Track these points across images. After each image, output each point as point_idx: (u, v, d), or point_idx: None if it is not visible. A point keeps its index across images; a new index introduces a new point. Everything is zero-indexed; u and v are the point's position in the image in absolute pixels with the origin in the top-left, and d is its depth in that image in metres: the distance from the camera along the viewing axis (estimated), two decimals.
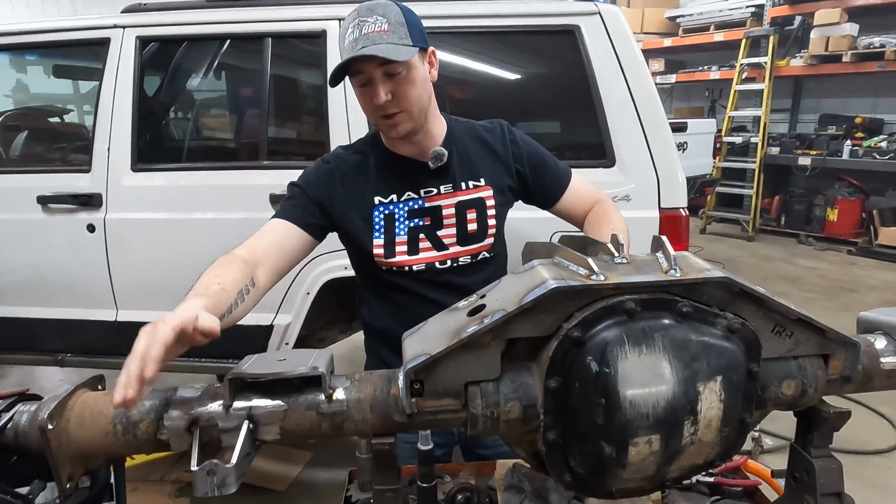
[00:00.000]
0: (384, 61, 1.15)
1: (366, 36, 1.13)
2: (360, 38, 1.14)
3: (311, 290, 1.99)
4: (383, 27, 1.14)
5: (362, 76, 1.17)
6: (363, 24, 1.14)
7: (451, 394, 0.77)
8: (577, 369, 0.73)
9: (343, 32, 1.17)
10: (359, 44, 1.13)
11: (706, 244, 6.75)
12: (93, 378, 0.84)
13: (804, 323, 0.79)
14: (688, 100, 9.13)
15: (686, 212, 1.79)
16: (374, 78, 1.17)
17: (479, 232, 1.34)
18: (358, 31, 1.14)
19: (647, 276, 0.76)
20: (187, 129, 2.53)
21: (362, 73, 1.17)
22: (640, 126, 1.78)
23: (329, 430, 0.79)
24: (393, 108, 1.19)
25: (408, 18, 1.20)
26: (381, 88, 1.17)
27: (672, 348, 0.73)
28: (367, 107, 1.23)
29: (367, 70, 1.16)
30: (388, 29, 1.15)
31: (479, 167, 1.35)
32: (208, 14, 2.08)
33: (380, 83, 1.17)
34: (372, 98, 1.18)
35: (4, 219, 2.14)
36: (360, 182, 1.31)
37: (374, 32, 1.14)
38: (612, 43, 1.80)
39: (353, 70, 1.17)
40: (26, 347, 2.22)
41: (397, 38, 1.15)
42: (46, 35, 2.15)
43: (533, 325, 0.75)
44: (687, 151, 5.48)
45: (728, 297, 0.76)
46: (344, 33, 1.17)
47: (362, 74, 1.17)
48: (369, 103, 1.21)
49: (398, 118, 1.21)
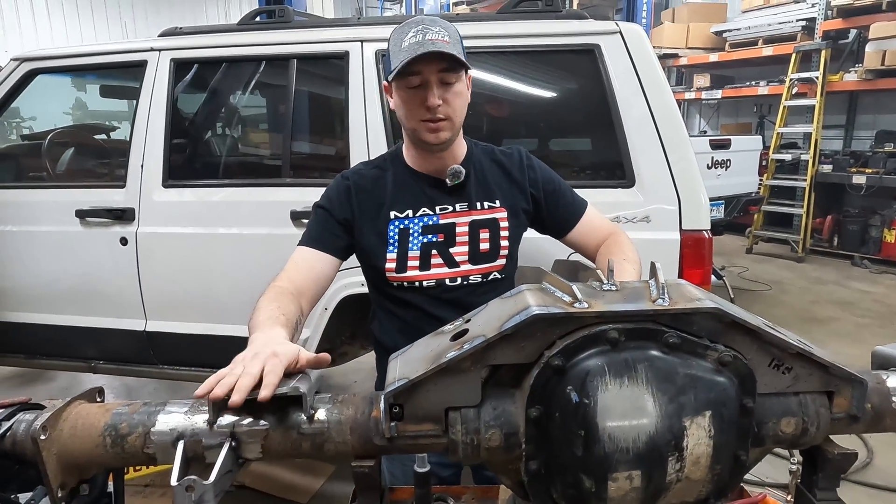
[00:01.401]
0: (444, 67, 1.20)
1: (430, 41, 1.18)
2: (424, 42, 1.18)
3: (328, 306, 2.01)
4: (445, 38, 1.20)
5: (417, 77, 1.21)
6: (427, 31, 1.19)
7: (432, 419, 0.76)
8: (558, 399, 0.71)
9: (400, 36, 1.21)
10: (424, 46, 1.17)
11: (752, 264, 6.51)
12: (91, 390, 0.87)
13: (804, 357, 0.75)
14: (735, 116, 8.88)
15: (709, 234, 1.73)
16: (430, 81, 1.21)
17: (491, 252, 1.34)
18: (422, 36, 1.19)
19: (634, 304, 0.74)
20: (215, 146, 2.62)
21: (419, 74, 1.20)
22: (661, 145, 1.74)
23: (310, 450, 0.80)
24: (441, 113, 1.23)
25: (461, 39, 1.26)
26: (436, 91, 1.21)
27: (656, 380, 0.70)
28: (412, 109, 1.25)
29: (425, 72, 1.20)
30: (449, 41, 1.20)
31: (495, 189, 1.37)
32: (238, 37, 2.16)
33: (434, 87, 1.21)
34: (423, 100, 1.22)
35: (46, 231, 2.26)
36: (376, 197, 1.34)
37: (438, 40, 1.19)
38: (633, 62, 1.77)
39: (411, 70, 1.20)
40: (62, 354, 2.33)
41: (456, 51, 1.20)
42: (92, 58, 2.28)
43: (514, 351, 0.74)
44: (730, 169, 5.32)
45: (720, 329, 0.73)
46: (402, 37, 1.21)
47: (418, 76, 1.21)
48: (417, 105, 1.23)
49: (442, 125, 1.24)
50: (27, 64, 2.27)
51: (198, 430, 0.78)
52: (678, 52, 8.18)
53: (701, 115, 9.48)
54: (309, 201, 1.99)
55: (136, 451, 0.79)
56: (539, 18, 1.93)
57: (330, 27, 2.10)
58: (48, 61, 2.28)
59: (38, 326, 2.31)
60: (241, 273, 2.11)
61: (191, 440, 0.78)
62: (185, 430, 0.79)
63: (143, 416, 0.80)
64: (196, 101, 2.39)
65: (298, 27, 2.13)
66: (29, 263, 2.31)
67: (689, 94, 8.42)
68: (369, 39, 2.02)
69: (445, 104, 1.23)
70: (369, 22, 2.12)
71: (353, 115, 2.00)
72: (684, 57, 8.17)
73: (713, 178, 5.21)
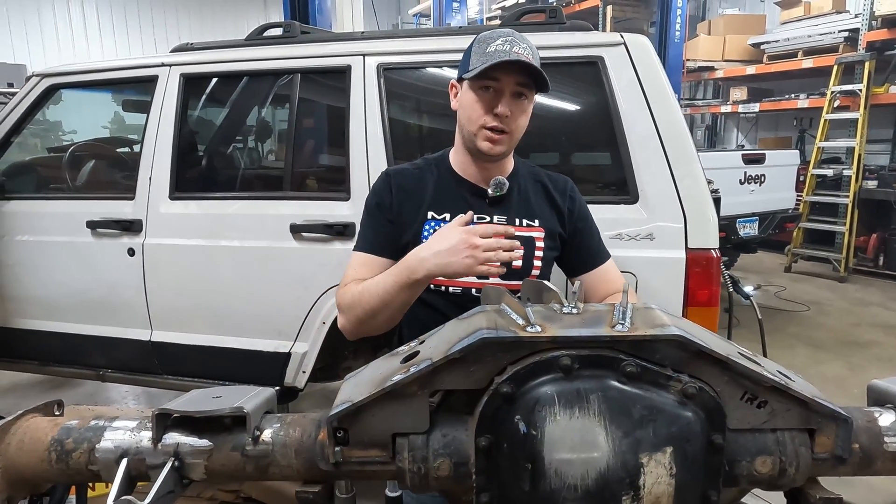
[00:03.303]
0: (523, 81, 1.20)
1: (517, 53, 1.18)
2: (510, 53, 1.18)
3: (326, 320, 2.00)
4: (530, 55, 1.20)
5: (495, 83, 1.21)
6: (514, 44, 1.19)
7: (379, 444, 0.73)
8: (507, 428, 0.68)
9: (486, 41, 1.21)
10: (510, 56, 1.17)
11: (790, 284, 6.26)
12: (49, 403, 0.86)
13: (781, 391, 0.68)
14: (774, 129, 8.62)
15: (717, 253, 1.64)
16: (504, 90, 1.21)
17: (523, 270, 1.32)
18: (509, 47, 1.19)
19: (590, 329, 0.70)
20: (220, 159, 2.65)
21: (498, 80, 1.20)
22: (666, 160, 1.67)
23: (254, 472, 0.77)
24: (505, 125, 1.22)
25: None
26: (508, 101, 1.21)
27: (610, 412, 0.66)
28: (478, 112, 1.24)
29: (504, 80, 1.20)
30: (531, 59, 1.19)
31: (536, 209, 1.36)
32: (244, 52, 2.19)
33: (507, 97, 1.21)
34: (492, 105, 1.21)
35: (59, 241, 2.32)
36: (416, 195, 1.34)
37: (524, 55, 1.18)
38: (638, 74, 1.72)
39: (492, 75, 1.20)
40: (73, 361, 2.38)
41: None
42: (107, 73, 2.35)
43: (462, 376, 0.70)
44: (764, 184, 5.15)
45: (685, 358, 0.68)
46: (488, 42, 1.21)
47: (496, 82, 1.20)
48: (484, 109, 1.23)
49: (502, 137, 1.25)
50: (47, 80, 2.35)
51: (142, 449, 0.77)
52: (714, 65, 8.01)
53: (738, 128, 9.24)
54: (308, 215, 2.04)
55: (80, 467, 0.77)
56: (543, 30, 1.89)
57: (333, 42, 2.10)
58: (67, 77, 2.36)
59: (51, 334, 2.37)
60: (242, 286, 2.12)
61: (134, 458, 0.76)
62: (130, 447, 0.77)
63: (90, 431, 0.79)
64: (203, 116, 2.43)
65: (303, 42, 2.15)
66: (43, 272, 2.37)
67: (726, 108, 8.22)
68: (371, 53, 2.02)
69: (512, 117, 1.23)
70: (372, 36, 2.11)
71: (353, 130, 2.00)
72: (720, 70, 7.99)
73: (746, 194, 5.05)
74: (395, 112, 2.04)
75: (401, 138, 2.07)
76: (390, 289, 1.19)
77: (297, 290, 2.04)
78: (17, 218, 2.37)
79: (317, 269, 2.02)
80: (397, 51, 2.04)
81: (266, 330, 2.11)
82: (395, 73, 2.03)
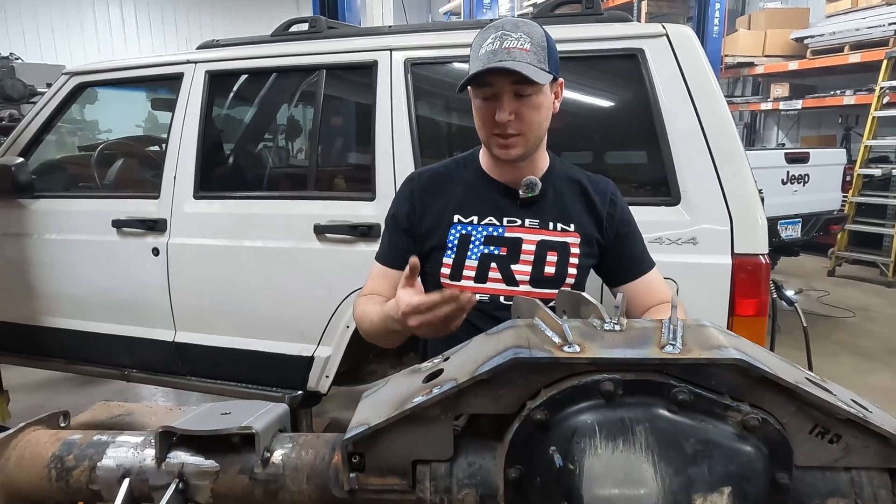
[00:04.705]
0: (518, 79, 1.11)
1: (506, 50, 1.10)
2: (499, 51, 1.10)
3: (350, 324, 1.95)
4: (525, 45, 1.11)
5: (490, 89, 1.14)
6: (506, 38, 1.11)
7: (398, 472, 0.66)
8: (540, 459, 0.60)
9: (479, 42, 1.14)
10: (497, 56, 1.10)
11: (834, 288, 6.00)
12: (54, 414, 0.82)
13: (857, 425, 0.59)
14: (818, 127, 8.30)
15: (766, 259, 1.53)
16: (501, 94, 1.13)
17: (556, 277, 1.24)
18: (498, 44, 1.11)
19: (636, 350, 0.61)
20: (244, 158, 2.62)
21: (491, 86, 1.13)
22: (711, 159, 1.56)
23: (263, 498, 0.71)
24: (512, 129, 1.15)
25: (549, 43, 1.16)
26: (507, 106, 1.13)
27: (659, 446, 0.58)
28: (483, 121, 1.18)
29: (497, 84, 1.13)
30: (529, 48, 1.11)
31: (572, 212, 1.27)
32: (270, 48, 2.15)
33: (507, 101, 1.14)
34: (493, 114, 1.14)
35: (85, 239, 2.32)
36: (442, 197, 1.28)
37: (516, 49, 1.10)
38: (681, 67, 1.61)
39: (483, 81, 1.13)
40: (98, 360, 2.39)
41: (537, 59, 1.11)
42: (134, 71, 2.33)
43: (490, 400, 0.63)
44: (808, 185, 4.95)
45: (746, 385, 0.59)
46: (481, 42, 1.14)
47: (490, 87, 1.14)
48: (488, 118, 1.16)
49: (513, 140, 1.17)
50: (76, 78, 2.36)
51: (145, 468, 0.71)
52: (754, 61, 7.75)
53: (779, 126, 8.93)
54: (332, 215, 1.98)
55: (80, 486, 0.73)
56: (579, 22, 1.81)
57: (359, 37, 2.05)
58: (95, 75, 2.35)
59: (77, 333, 2.37)
60: (265, 288, 2.08)
61: (137, 479, 0.71)
62: (133, 466, 0.72)
63: (92, 448, 0.74)
64: (227, 113, 2.41)
65: (329, 37, 2.10)
66: (70, 271, 2.37)
67: (766, 105, 7.94)
68: (398, 48, 1.95)
69: (518, 119, 1.15)
70: (400, 30, 2.05)
71: (379, 127, 1.93)
72: (760, 66, 7.73)
73: (789, 195, 4.86)
74: (423, 109, 1.96)
75: (428, 136, 2.00)
76: (381, 324, 1.15)
77: (320, 293, 2.00)
78: (46, 216, 2.38)
79: (341, 271, 1.97)
80: (426, 45, 1.97)
81: (289, 333, 2.07)
82: (424, 69, 1.96)
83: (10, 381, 3.20)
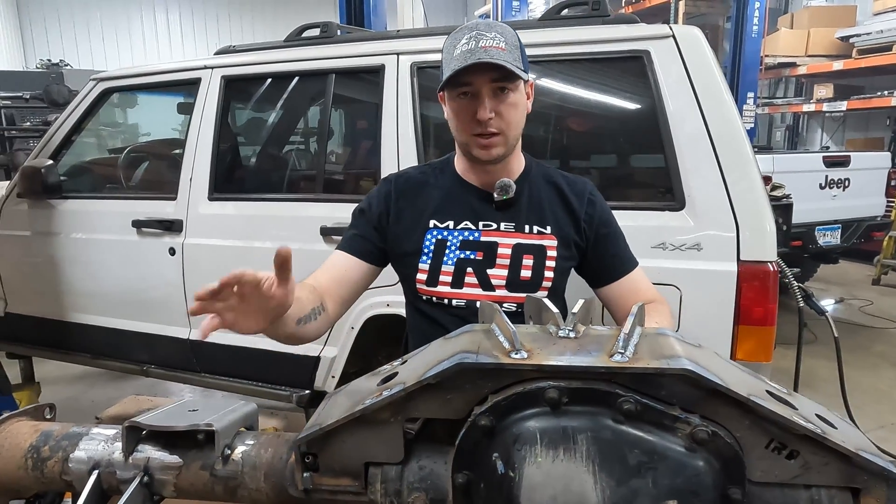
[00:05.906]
0: (497, 77, 1.12)
1: (483, 49, 1.10)
2: (476, 50, 1.10)
3: (355, 325, 1.97)
4: (501, 44, 1.12)
5: (469, 87, 1.14)
6: (481, 38, 1.12)
7: (350, 473, 0.67)
8: (485, 466, 0.60)
9: (453, 43, 1.15)
10: (475, 55, 1.10)
11: (878, 297, 5.73)
12: (40, 406, 0.85)
13: (817, 442, 0.57)
14: (864, 130, 7.96)
15: (775, 266, 1.47)
16: (481, 92, 1.13)
17: (532, 281, 1.23)
18: (474, 43, 1.11)
19: (583, 357, 0.60)
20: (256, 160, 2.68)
21: (470, 84, 1.13)
22: (717, 163, 1.51)
23: (223, 494, 0.72)
24: (493, 127, 1.15)
25: (521, 44, 1.17)
26: (488, 104, 1.13)
27: (601, 456, 0.57)
28: (462, 122, 1.18)
29: (476, 82, 1.13)
30: (505, 48, 1.12)
31: (549, 214, 1.26)
32: (281, 54, 2.19)
33: (486, 98, 1.13)
34: (473, 112, 1.14)
35: (108, 239, 2.40)
36: (418, 202, 1.28)
37: (492, 48, 1.10)
38: (688, 69, 1.57)
39: (461, 81, 1.13)
40: (120, 356, 2.48)
41: (512, 58, 1.12)
42: (156, 76, 2.42)
43: (439, 404, 0.63)
44: (849, 189, 4.75)
45: (698, 396, 0.58)
46: (454, 44, 1.14)
47: (469, 86, 1.14)
48: (468, 118, 1.16)
49: (494, 140, 1.17)
50: (102, 83, 2.45)
51: (114, 461, 0.74)
52: (796, 61, 7.49)
53: (823, 129, 8.60)
54: (339, 217, 1.99)
55: (54, 476, 0.75)
56: (585, 24, 1.78)
57: (368, 41, 2.07)
58: (119, 80, 2.45)
59: (101, 329, 2.46)
60: None
61: (106, 471, 0.74)
62: (102, 459, 0.74)
63: (66, 440, 0.77)
64: (241, 117, 2.45)
65: (340, 42, 2.12)
66: (94, 269, 2.47)
67: (809, 107, 7.66)
68: (405, 52, 1.96)
69: (498, 117, 1.15)
70: (408, 34, 2.06)
71: (385, 130, 1.95)
72: (803, 66, 7.46)
73: (827, 200, 4.68)
74: (428, 112, 1.97)
75: (433, 139, 2.01)
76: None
77: None
78: (74, 216, 2.47)
79: None
80: (432, 49, 1.96)
81: None
82: (430, 72, 1.96)
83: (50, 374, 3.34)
